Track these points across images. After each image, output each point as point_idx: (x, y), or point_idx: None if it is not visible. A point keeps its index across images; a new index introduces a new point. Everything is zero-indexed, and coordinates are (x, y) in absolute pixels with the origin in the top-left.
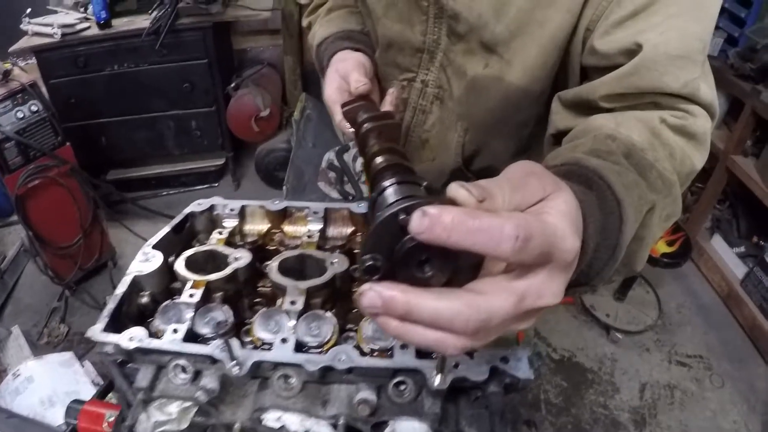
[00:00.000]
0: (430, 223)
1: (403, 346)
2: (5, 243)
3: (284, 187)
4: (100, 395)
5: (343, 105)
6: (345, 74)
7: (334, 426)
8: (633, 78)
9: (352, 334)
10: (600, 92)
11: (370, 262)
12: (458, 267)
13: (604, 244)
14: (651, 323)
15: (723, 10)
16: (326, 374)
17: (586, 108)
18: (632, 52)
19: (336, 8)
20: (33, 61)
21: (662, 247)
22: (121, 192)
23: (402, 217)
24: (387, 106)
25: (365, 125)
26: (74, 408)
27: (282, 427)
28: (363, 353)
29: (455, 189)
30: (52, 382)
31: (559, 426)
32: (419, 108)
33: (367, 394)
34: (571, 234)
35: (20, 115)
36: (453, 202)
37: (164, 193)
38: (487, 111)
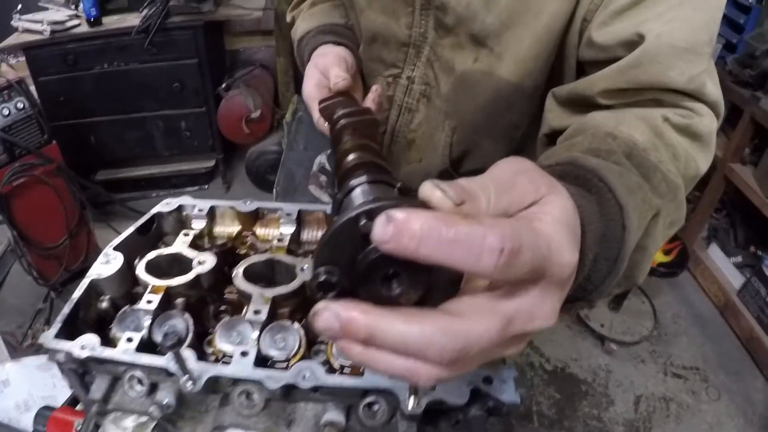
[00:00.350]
0: (395, 230)
1: None
2: None
3: (274, 190)
4: (72, 402)
5: (321, 102)
6: (325, 69)
7: None
8: (634, 71)
9: (323, 347)
10: (598, 87)
11: (324, 277)
12: (433, 282)
13: (604, 255)
14: (646, 334)
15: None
16: (290, 392)
17: (583, 105)
18: (633, 43)
19: (319, 2)
20: (23, 59)
21: (659, 257)
22: (109, 193)
23: (363, 222)
24: (369, 103)
25: (340, 121)
26: (43, 415)
27: None
28: (333, 369)
29: (428, 189)
30: (28, 386)
31: None
32: (405, 106)
33: (334, 415)
34: (567, 245)
35: (6, 112)
36: (426, 205)
37: (154, 194)
38: (477, 108)
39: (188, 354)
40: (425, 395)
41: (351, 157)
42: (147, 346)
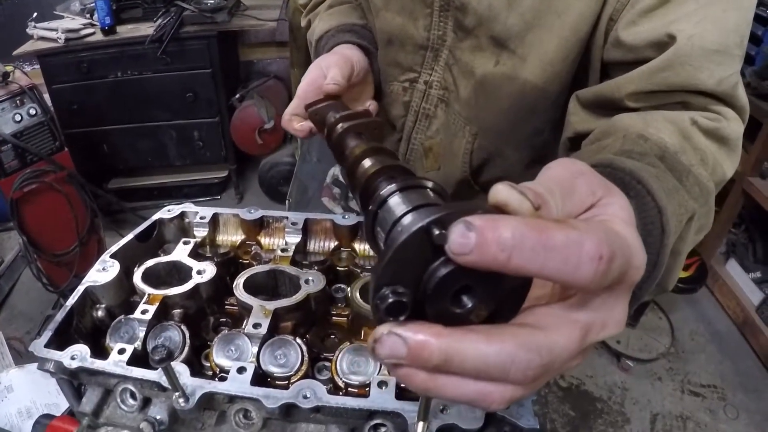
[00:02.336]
0: (479, 240)
1: (381, 384)
2: (3, 248)
3: (287, 202)
4: (72, 411)
5: (310, 105)
6: (326, 67)
7: None
8: (665, 74)
9: (327, 364)
10: (626, 90)
11: (392, 298)
12: (504, 294)
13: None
14: (663, 351)
15: None
16: (290, 412)
17: (609, 108)
18: (663, 44)
19: (336, 3)
20: (38, 66)
21: None
22: (121, 201)
23: (436, 233)
24: None
25: (340, 125)
26: (42, 423)
27: None
28: (337, 388)
29: (505, 191)
30: (31, 393)
31: None
32: (422, 112)
33: None
34: (640, 247)
35: (18, 117)
36: (500, 210)
37: (165, 204)
38: (499, 114)
39: (182, 369)
40: (436, 419)
41: (367, 163)
42: (141, 358)
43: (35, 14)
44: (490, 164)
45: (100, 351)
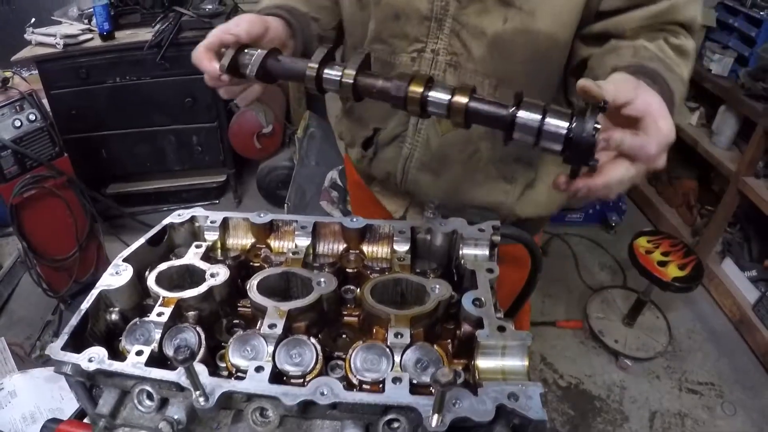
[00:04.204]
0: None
1: (396, 380)
2: (2, 253)
3: (286, 205)
4: (79, 415)
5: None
6: (239, 19)
7: None
8: (664, 15)
9: (340, 362)
10: (629, 26)
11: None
12: None
13: None
14: (661, 349)
15: (733, 30)
16: (307, 409)
17: (607, 39)
18: None
19: None
20: (36, 72)
21: (674, 271)
22: (120, 206)
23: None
24: None
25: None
26: (50, 427)
27: None
28: (351, 385)
29: (589, 83)
30: (35, 398)
31: None
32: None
33: None
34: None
35: (17, 123)
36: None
37: (165, 209)
38: (517, 64)
39: (200, 369)
40: (449, 412)
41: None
42: (157, 359)
43: (33, 20)
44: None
45: (114, 354)
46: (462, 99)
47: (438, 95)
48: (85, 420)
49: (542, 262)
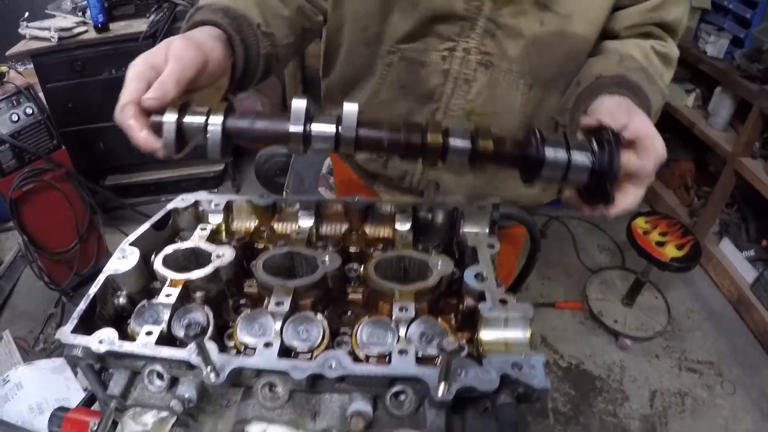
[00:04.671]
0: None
1: (402, 352)
2: (1, 249)
3: (285, 193)
4: (87, 402)
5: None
6: (165, 62)
7: None
8: (652, 14)
9: (345, 338)
10: (624, 24)
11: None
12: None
13: None
14: (660, 329)
15: (728, 12)
16: (315, 383)
17: (603, 38)
18: None
19: None
20: (32, 66)
21: (671, 251)
22: (119, 198)
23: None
24: None
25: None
26: (58, 416)
27: None
28: (358, 359)
29: (592, 121)
30: (41, 389)
31: None
32: (461, 77)
33: (361, 405)
34: (659, 136)
35: (15, 117)
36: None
37: (163, 199)
38: (553, 65)
39: (211, 346)
40: (455, 382)
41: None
42: (166, 339)
43: (27, 14)
44: (539, 112)
45: (123, 336)
46: (487, 144)
47: (460, 143)
48: (93, 407)
49: (541, 242)
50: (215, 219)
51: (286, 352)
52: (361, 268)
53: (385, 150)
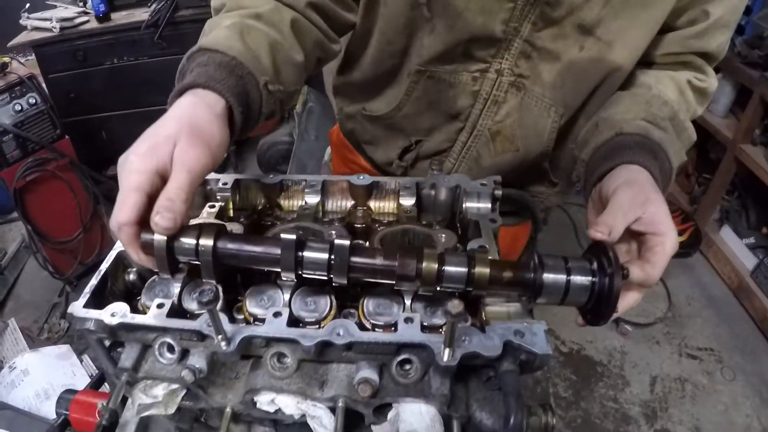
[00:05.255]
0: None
1: (407, 320)
2: (6, 240)
3: None
4: (94, 385)
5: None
6: (184, 169)
7: (332, 409)
8: (692, 41)
9: (353, 310)
10: (662, 50)
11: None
12: None
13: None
14: (661, 315)
15: None
16: (323, 351)
17: (639, 64)
18: (697, 18)
19: (270, 20)
20: (33, 57)
21: None
22: None
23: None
24: None
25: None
26: (65, 398)
27: (277, 411)
28: (364, 330)
29: (597, 235)
30: (48, 375)
31: (569, 420)
32: (492, 99)
33: (368, 373)
34: (673, 229)
35: (18, 108)
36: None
37: None
38: (586, 93)
39: (222, 316)
40: (459, 348)
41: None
42: (177, 313)
43: (27, 5)
44: (567, 140)
45: (134, 311)
46: (483, 270)
47: (456, 270)
48: (101, 390)
49: (541, 223)
50: (224, 197)
51: (294, 323)
52: (367, 244)
53: (379, 276)
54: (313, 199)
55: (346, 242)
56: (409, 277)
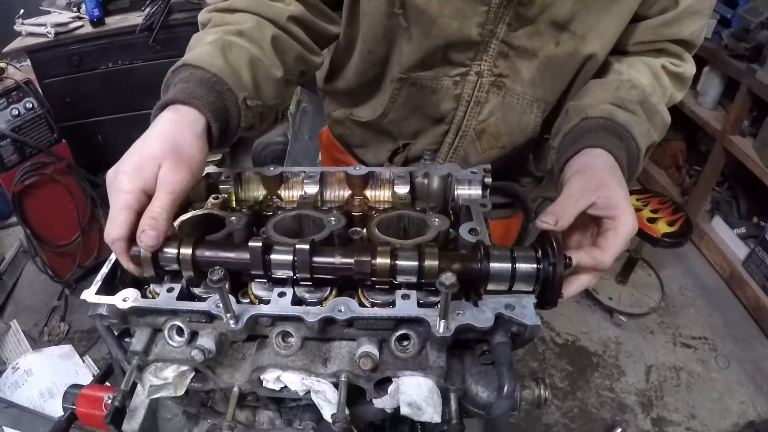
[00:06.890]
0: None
1: (404, 296)
2: (4, 245)
3: None
4: (100, 379)
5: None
6: (167, 191)
7: (335, 385)
8: (663, 28)
9: (351, 292)
10: (635, 39)
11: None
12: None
13: (628, 174)
14: (654, 305)
15: None
16: (326, 328)
17: (612, 53)
18: (668, 7)
19: (252, 37)
20: (28, 63)
21: (663, 227)
22: None
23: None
24: None
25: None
26: (72, 393)
27: (282, 388)
28: (363, 306)
29: (543, 225)
30: (51, 374)
31: (566, 410)
32: (474, 100)
33: (369, 347)
34: (631, 213)
35: (15, 112)
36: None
37: None
38: (563, 86)
39: (230, 297)
40: (453, 320)
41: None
42: (187, 296)
43: (22, 11)
44: (547, 127)
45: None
46: (432, 263)
47: (407, 263)
48: (107, 383)
49: (532, 213)
50: (226, 189)
51: (298, 302)
52: (364, 231)
53: (339, 273)
54: (312, 189)
55: (306, 245)
56: (365, 273)
